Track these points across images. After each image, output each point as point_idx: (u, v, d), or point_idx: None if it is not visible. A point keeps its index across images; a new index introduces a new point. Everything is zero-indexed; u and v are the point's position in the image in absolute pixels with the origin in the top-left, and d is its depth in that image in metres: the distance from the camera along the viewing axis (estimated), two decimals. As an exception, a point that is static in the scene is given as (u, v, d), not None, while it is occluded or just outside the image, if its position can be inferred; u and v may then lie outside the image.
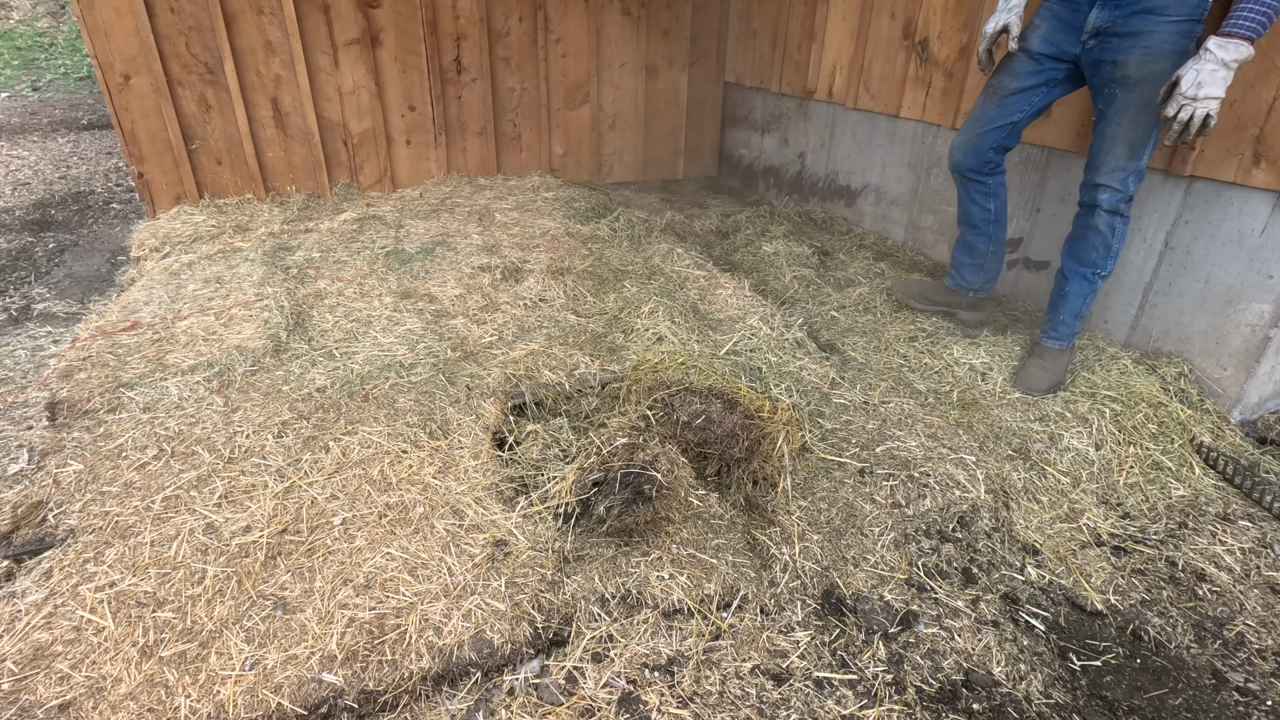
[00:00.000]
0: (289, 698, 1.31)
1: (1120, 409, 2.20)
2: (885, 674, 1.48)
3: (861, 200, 4.01)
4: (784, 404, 2.06)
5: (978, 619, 1.62)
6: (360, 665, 1.37)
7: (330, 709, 1.31)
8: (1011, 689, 1.46)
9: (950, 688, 1.45)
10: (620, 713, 1.35)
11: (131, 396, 2.13)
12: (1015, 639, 1.57)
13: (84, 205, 4.51)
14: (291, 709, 1.29)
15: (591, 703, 1.36)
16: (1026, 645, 1.56)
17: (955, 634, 1.57)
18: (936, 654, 1.53)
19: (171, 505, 1.71)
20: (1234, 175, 2.18)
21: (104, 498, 1.74)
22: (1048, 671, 1.50)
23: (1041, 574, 1.76)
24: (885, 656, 1.52)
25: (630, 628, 1.51)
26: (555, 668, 1.43)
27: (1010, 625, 1.61)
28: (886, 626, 1.58)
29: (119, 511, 1.69)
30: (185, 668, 1.35)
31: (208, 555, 1.57)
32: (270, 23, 3.74)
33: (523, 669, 1.42)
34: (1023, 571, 1.77)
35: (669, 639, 1.50)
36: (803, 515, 1.81)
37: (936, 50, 3.27)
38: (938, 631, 1.58)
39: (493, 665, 1.42)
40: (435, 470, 1.83)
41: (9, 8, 9.12)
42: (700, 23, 4.84)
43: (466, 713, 1.34)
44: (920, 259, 3.52)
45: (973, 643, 1.55)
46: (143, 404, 2.10)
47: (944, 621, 1.61)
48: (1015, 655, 1.53)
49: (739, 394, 1.94)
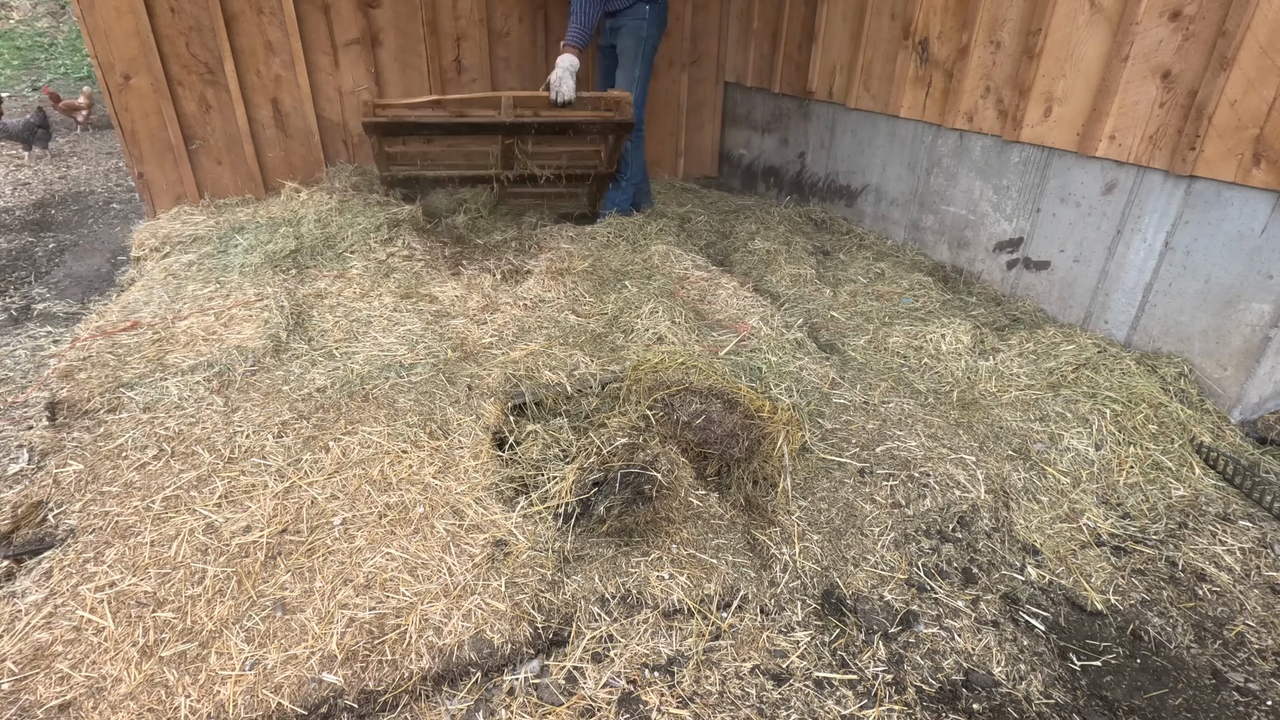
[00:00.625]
0: (289, 698, 1.31)
1: (1120, 409, 2.20)
2: (885, 674, 1.48)
3: (861, 200, 4.00)
4: (784, 404, 2.06)
5: (978, 619, 1.62)
6: (360, 665, 1.37)
7: (330, 709, 1.31)
8: (1011, 689, 1.45)
9: (950, 688, 1.45)
10: (620, 713, 1.35)
11: (131, 396, 2.13)
12: (1016, 639, 1.57)
13: (84, 205, 4.51)
14: (291, 709, 1.29)
15: (591, 703, 1.36)
16: (1027, 645, 1.56)
17: (955, 634, 1.57)
18: (936, 654, 1.53)
19: (171, 505, 1.71)
20: (1234, 175, 2.18)
21: (104, 498, 1.74)
22: (1047, 671, 1.50)
23: (1041, 574, 1.76)
24: (885, 656, 1.52)
25: (630, 628, 1.51)
26: (555, 668, 1.43)
27: (1010, 625, 1.61)
28: (887, 626, 1.58)
29: (119, 511, 1.69)
30: (185, 668, 1.35)
31: (208, 555, 1.57)
32: (270, 23, 3.73)
33: (523, 669, 1.42)
34: (1023, 571, 1.77)
35: (669, 639, 1.50)
36: (803, 515, 1.81)
37: (936, 50, 3.27)
38: (938, 631, 1.58)
39: (493, 665, 1.42)
40: (435, 470, 1.83)
41: (9, 8, 9.11)
42: (700, 23, 4.84)
43: (466, 713, 1.34)
44: (920, 259, 3.52)
45: (973, 642, 1.55)
46: (143, 404, 2.10)
47: (944, 621, 1.61)
48: (1015, 655, 1.53)
49: (739, 394, 1.94)
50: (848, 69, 3.87)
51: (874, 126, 3.81)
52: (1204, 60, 2.22)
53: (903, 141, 3.61)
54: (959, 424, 2.19)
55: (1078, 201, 2.74)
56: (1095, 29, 2.54)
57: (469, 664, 1.40)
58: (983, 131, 3.10)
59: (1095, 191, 2.66)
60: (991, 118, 3.04)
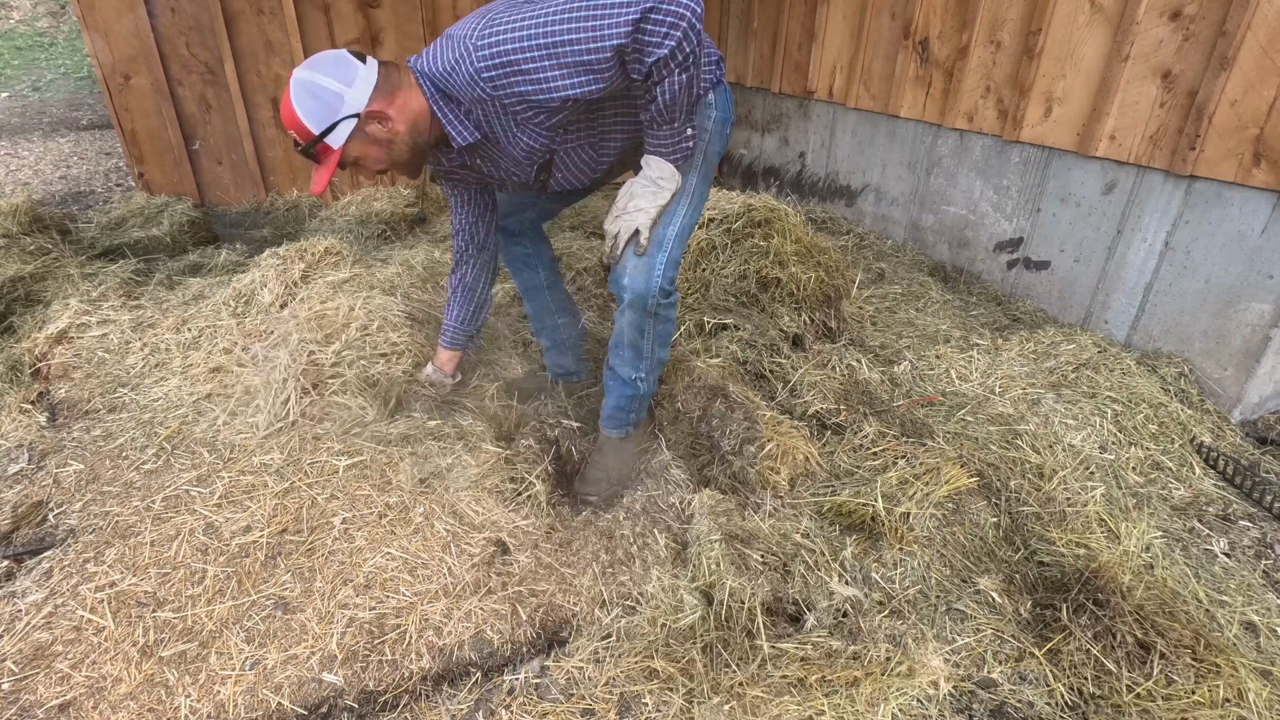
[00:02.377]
0: (289, 697, 1.31)
1: (1121, 409, 2.19)
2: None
3: (861, 200, 4.01)
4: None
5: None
6: (360, 665, 1.37)
7: (330, 708, 1.31)
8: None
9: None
10: (620, 713, 1.35)
11: (132, 397, 2.13)
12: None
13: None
14: (291, 708, 1.29)
15: (591, 703, 1.36)
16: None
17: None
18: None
19: (171, 505, 1.71)
20: (1234, 175, 2.18)
21: (104, 498, 1.74)
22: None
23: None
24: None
25: (631, 628, 1.51)
26: (555, 668, 1.43)
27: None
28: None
29: (119, 511, 1.69)
30: (185, 667, 1.35)
31: (208, 555, 1.57)
32: (270, 22, 3.74)
33: (523, 669, 1.42)
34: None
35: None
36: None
37: (936, 50, 3.27)
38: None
39: (493, 665, 1.42)
40: (434, 469, 1.83)
41: (9, 8, 9.12)
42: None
43: (466, 712, 1.34)
44: (921, 258, 3.52)
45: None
46: (143, 404, 2.10)
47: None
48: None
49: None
50: (848, 69, 3.87)
51: (874, 126, 3.81)
52: (1204, 60, 2.22)
53: (903, 141, 3.61)
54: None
55: (1078, 201, 2.74)
56: (1095, 29, 2.54)
57: (469, 664, 1.40)
58: (982, 131, 3.10)
59: (1096, 191, 2.66)
60: (991, 117, 3.04)
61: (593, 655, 1.45)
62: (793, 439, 1.90)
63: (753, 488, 1.83)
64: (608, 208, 1.76)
